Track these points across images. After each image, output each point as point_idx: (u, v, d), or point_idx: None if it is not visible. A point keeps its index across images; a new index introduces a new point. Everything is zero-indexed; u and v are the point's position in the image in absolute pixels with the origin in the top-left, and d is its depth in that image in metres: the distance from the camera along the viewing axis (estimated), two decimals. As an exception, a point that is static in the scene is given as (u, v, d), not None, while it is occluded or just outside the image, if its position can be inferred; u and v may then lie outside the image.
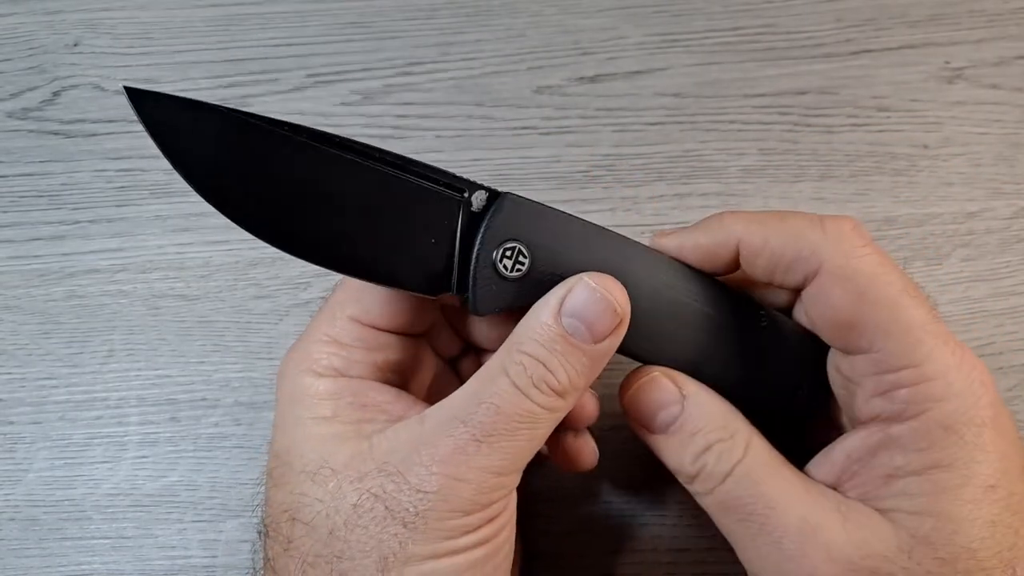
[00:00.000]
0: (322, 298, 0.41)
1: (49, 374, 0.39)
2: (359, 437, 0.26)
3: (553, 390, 0.24)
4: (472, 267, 0.25)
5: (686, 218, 0.41)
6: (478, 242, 0.25)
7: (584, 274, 0.25)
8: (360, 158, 0.24)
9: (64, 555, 0.37)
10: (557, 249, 0.26)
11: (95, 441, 0.38)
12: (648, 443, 0.28)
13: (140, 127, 0.23)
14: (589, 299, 0.24)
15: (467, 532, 0.24)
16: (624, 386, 0.28)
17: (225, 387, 0.39)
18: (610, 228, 0.27)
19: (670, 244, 0.28)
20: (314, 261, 0.24)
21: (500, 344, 0.26)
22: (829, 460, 0.27)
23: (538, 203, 0.26)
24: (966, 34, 0.44)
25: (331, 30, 0.45)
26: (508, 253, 0.25)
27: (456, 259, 0.26)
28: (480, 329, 0.31)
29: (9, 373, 0.40)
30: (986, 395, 0.24)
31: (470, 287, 0.25)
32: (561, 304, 0.24)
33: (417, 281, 0.25)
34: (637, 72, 0.44)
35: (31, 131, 0.44)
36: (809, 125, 0.43)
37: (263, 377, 0.39)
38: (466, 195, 0.25)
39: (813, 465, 0.28)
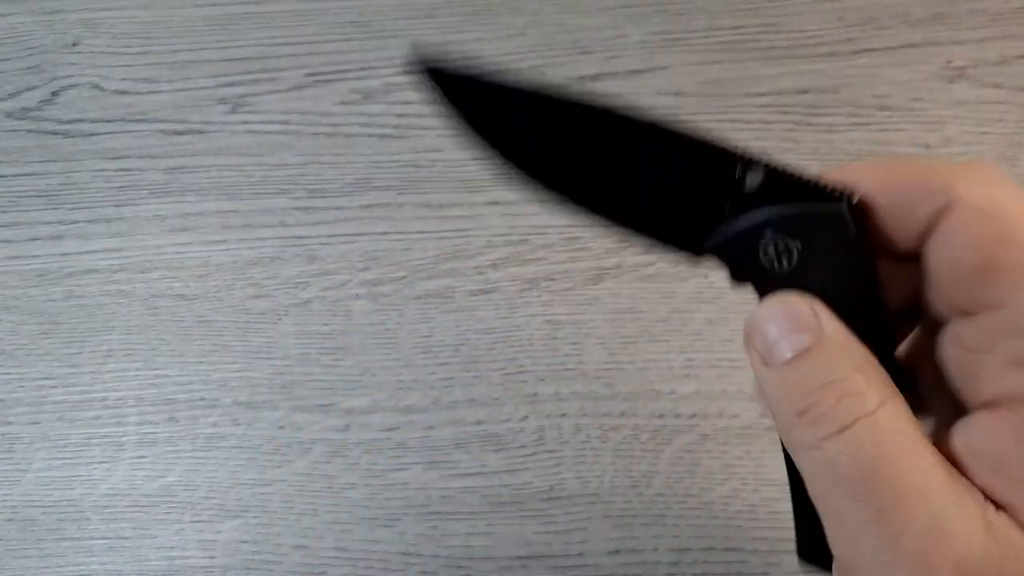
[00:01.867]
0: (321, 297, 0.41)
1: (47, 374, 0.39)
2: None
3: None
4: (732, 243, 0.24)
5: (687, 218, 0.41)
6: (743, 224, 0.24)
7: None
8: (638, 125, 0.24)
9: (62, 556, 0.37)
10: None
11: (93, 441, 0.38)
12: (758, 378, 0.22)
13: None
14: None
15: None
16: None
17: (223, 387, 0.39)
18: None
19: None
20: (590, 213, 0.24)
21: None
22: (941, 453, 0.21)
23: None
24: (968, 33, 0.44)
25: (330, 29, 0.45)
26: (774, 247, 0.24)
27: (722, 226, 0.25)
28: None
29: (8, 373, 0.39)
30: None
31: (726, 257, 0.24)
32: None
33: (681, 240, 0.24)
34: (638, 71, 0.44)
35: (30, 131, 0.43)
36: (810, 124, 0.43)
37: (261, 377, 0.39)
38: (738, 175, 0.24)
39: None
